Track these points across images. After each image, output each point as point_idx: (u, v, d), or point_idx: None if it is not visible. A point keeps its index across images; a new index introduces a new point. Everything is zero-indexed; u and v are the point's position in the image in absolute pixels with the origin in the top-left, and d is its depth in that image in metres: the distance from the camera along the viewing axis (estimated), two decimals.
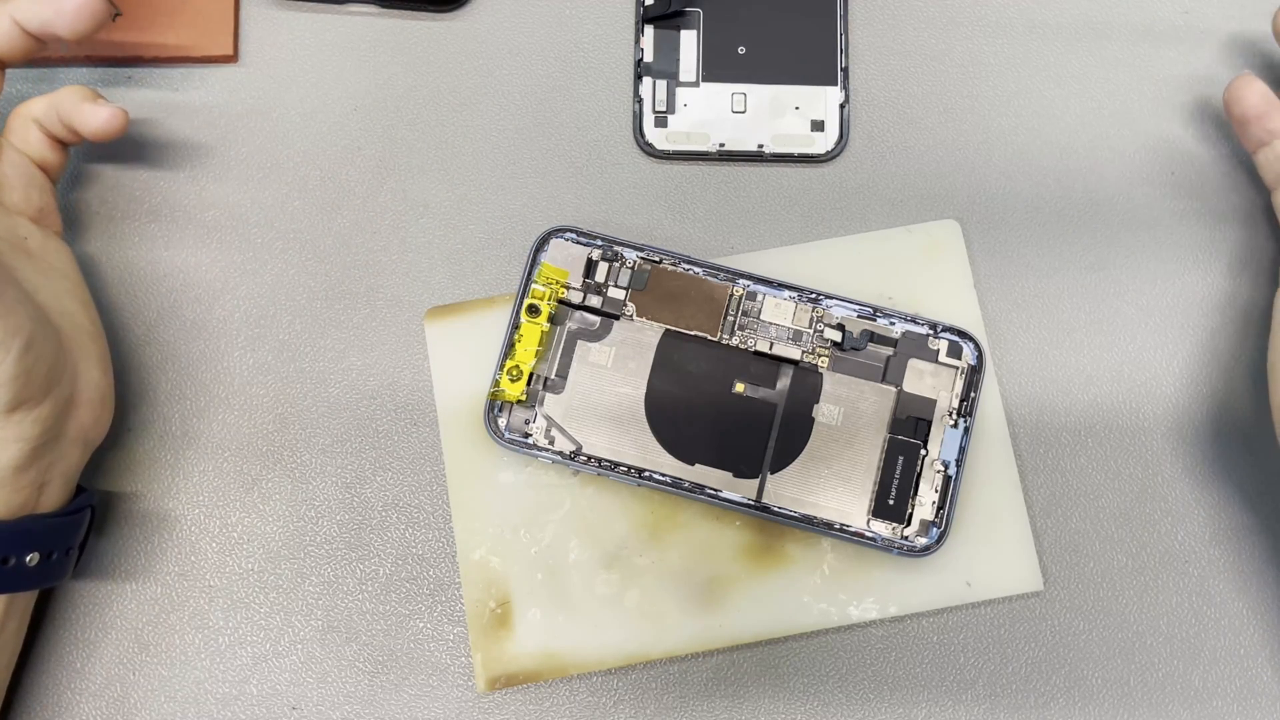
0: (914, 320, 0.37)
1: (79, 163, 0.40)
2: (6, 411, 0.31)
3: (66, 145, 0.37)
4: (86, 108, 0.35)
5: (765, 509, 0.36)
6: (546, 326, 0.37)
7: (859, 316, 0.37)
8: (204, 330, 0.39)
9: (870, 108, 0.41)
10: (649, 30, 0.41)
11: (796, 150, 0.40)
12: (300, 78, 0.41)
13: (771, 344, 0.37)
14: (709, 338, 0.37)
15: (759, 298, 0.37)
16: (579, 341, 0.37)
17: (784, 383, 0.37)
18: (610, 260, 0.38)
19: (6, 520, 0.32)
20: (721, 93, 0.41)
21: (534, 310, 0.37)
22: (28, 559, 0.32)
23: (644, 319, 0.37)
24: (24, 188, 0.36)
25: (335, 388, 0.39)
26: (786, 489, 0.36)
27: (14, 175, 0.36)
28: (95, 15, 0.34)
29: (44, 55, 0.40)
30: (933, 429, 0.37)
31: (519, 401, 0.37)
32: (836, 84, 0.41)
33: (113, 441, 0.38)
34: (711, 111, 0.40)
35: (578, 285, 0.38)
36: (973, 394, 0.37)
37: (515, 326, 0.37)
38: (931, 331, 0.37)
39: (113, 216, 0.40)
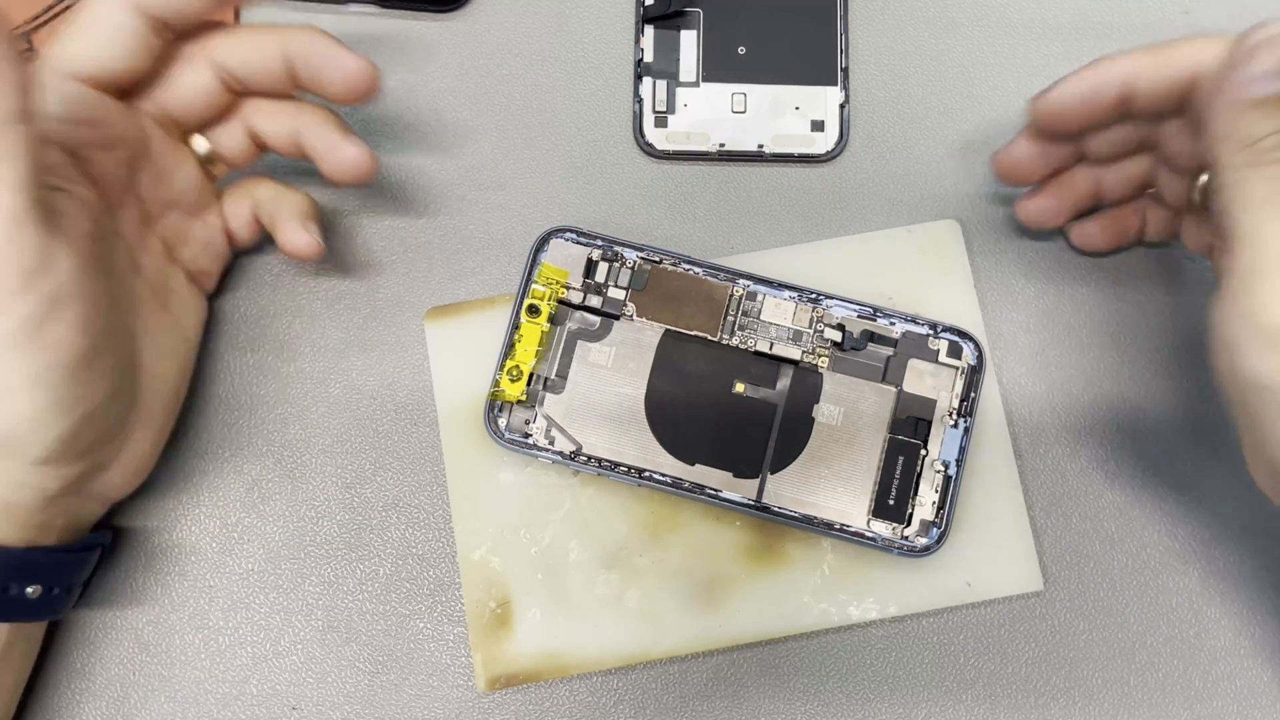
0: (914, 320, 0.37)
1: None
2: (34, 463, 0.30)
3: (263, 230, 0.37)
4: (293, 227, 0.35)
5: (765, 509, 0.36)
6: (546, 326, 0.37)
7: (859, 316, 0.37)
8: (204, 329, 0.39)
9: (870, 108, 0.41)
10: (649, 30, 0.41)
11: (796, 150, 0.40)
12: None
13: (771, 344, 0.37)
14: (709, 338, 0.37)
15: (759, 298, 0.37)
16: (579, 341, 0.37)
17: (784, 383, 0.37)
18: (610, 260, 0.38)
19: (13, 549, 0.31)
20: (721, 93, 0.41)
21: (534, 310, 0.37)
22: (28, 590, 0.32)
23: (644, 319, 0.37)
24: (202, 249, 0.36)
25: (335, 388, 0.39)
26: (786, 489, 0.36)
27: (201, 235, 0.36)
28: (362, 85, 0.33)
29: None
30: (933, 429, 0.37)
31: (519, 401, 0.37)
32: (836, 84, 0.41)
33: None
34: (711, 111, 0.40)
35: (578, 285, 0.38)
36: (973, 394, 0.37)
37: (515, 326, 0.37)
38: (931, 331, 0.37)
39: None
